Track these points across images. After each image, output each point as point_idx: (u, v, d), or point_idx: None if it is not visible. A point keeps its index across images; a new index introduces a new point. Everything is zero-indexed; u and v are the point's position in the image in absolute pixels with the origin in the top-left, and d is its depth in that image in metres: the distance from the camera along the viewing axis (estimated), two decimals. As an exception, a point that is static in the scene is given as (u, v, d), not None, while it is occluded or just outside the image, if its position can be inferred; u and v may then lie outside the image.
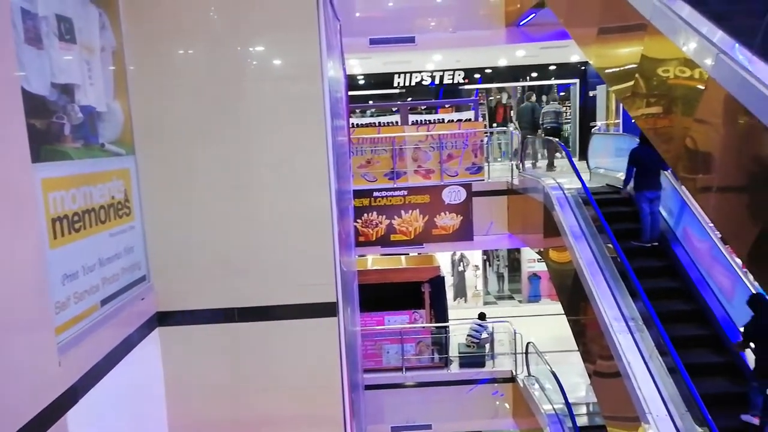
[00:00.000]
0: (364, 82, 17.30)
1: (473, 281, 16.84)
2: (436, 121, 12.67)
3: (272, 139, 4.49)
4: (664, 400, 5.73)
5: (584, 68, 16.23)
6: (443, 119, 12.77)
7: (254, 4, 4.37)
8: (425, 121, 12.78)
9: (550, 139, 12.15)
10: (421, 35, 12.83)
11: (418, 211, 11.41)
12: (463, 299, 16.61)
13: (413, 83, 16.87)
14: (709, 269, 7.48)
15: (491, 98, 18.51)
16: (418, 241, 11.49)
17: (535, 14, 11.62)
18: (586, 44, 7.83)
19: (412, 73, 16.73)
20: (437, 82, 16.90)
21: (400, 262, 13.04)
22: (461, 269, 16.61)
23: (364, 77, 17.11)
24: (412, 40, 12.79)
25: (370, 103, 17.64)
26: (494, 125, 17.15)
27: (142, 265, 4.32)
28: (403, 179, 11.52)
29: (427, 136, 11.52)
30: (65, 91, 3.30)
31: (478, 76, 16.99)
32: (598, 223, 7.83)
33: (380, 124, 12.66)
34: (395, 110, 14.34)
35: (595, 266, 7.41)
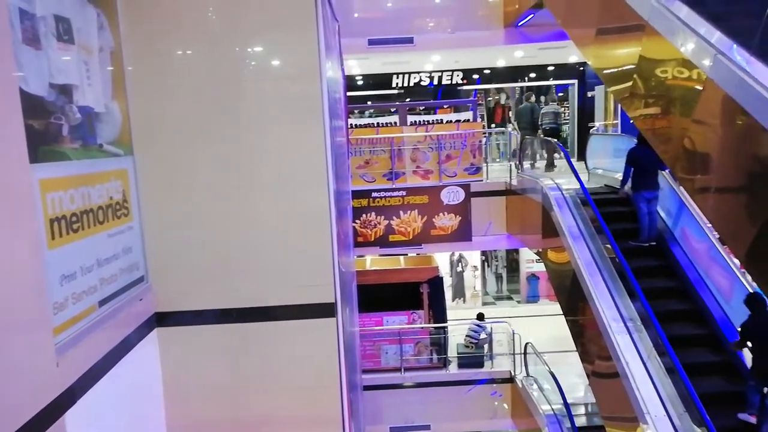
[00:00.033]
0: (362, 82, 17.30)
1: (472, 282, 16.84)
2: (434, 121, 12.66)
3: (270, 139, 4.49)
4: (662, 400, 5.73)
5: (582, 69, 16.23)
6: (442, 120, 12.77)
7: (253, 4, 4.37)
8: (424, 121, 12.79)
9: (548, 139, 12.16)
10: (419, 36, 12.82)
11: (416, 211, 11.40)
12: (461, 300, 16.61)
13: (412, 84, 16.87)
14: (707, 269, 7.49)
15: (490, 99, 18.53)
16: (416, 241, 11.49)
17: (533, 15, 11.62)
18: (584, 45, 7.83)
19: (410, 73, 16.73)
20: (436, 82, 16.90)
21: (398, 262, 13.04)
22: (460, 270, 16.61)
23: (362, 78, 17.11)
24: (410, 40, 12.78)
25: (368, 103, 17.65)
26: (493, 126, 17.15)
27: (140, 265, 4.31)
28: (401, 180, 11.51)
29: (425, 136, 11.52)
30: (63, 91, 3.30)
31: (476, 76, 17.00)
32: (596, 223, 7.82)
33: (379, 124, 12.66)
34: (394, 111, 14.34)
35: (593, 267, 7.41)
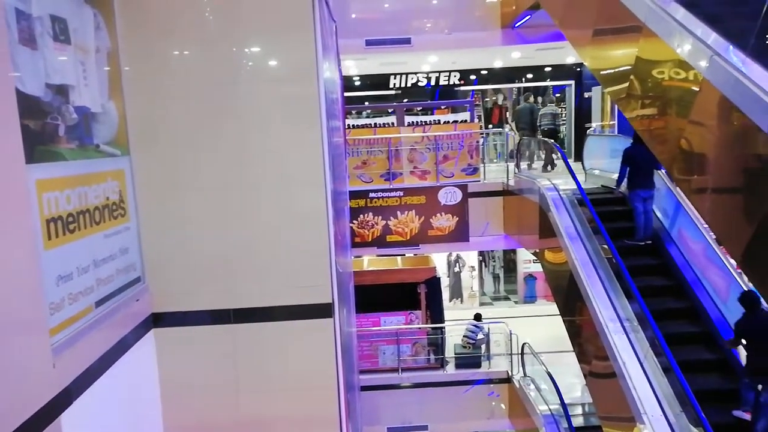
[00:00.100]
0: (359, 83, 17.30)
1: (469, 282, 16.85)
2: (432, 122, 12.69)
3: (268, 140, 4.49)
4: (659, 400, 5.75)
5: (579, 70, 16.26)
6: (439, 120, 12.80)
7: (250, 4, 4.37)
8: (421, 122, 12.81)
9: (546, 140, 12.18)
10: (417, 36, 12.84)
11: (414, 212, 11.40)
12: (459, 300, 16.62)
13: (409, 84, 16.88)
14: (703, 269, 7.51)
15: (487, 99, 18.54)
16: (414, 242, 11.50)
17: (530, 16, 11.65)
18: (581, 46, 7.84)
19: (408, 74, 16.73)
20: (433, 83, 16.91)
21: (396, 263, 13.04)
22: (457, 270, 16.61)
23: (359, 78, 17.11)
24: (408, 41, 12.80)
25: (366, 104, 17.64)
26: (490, 126, 17.16)
27: (137, 266, 4.31)
28: (399, 180, 11.52)
29: (423, 137, 11.53)
30: (60, 91, 3.29)
31: (473, 77, 17.00)
32: (593, 223, 7.83)
33: (376, 125, 12.68)
34: (391, 111, 14.35)
35: (590, 267, 7.43)
